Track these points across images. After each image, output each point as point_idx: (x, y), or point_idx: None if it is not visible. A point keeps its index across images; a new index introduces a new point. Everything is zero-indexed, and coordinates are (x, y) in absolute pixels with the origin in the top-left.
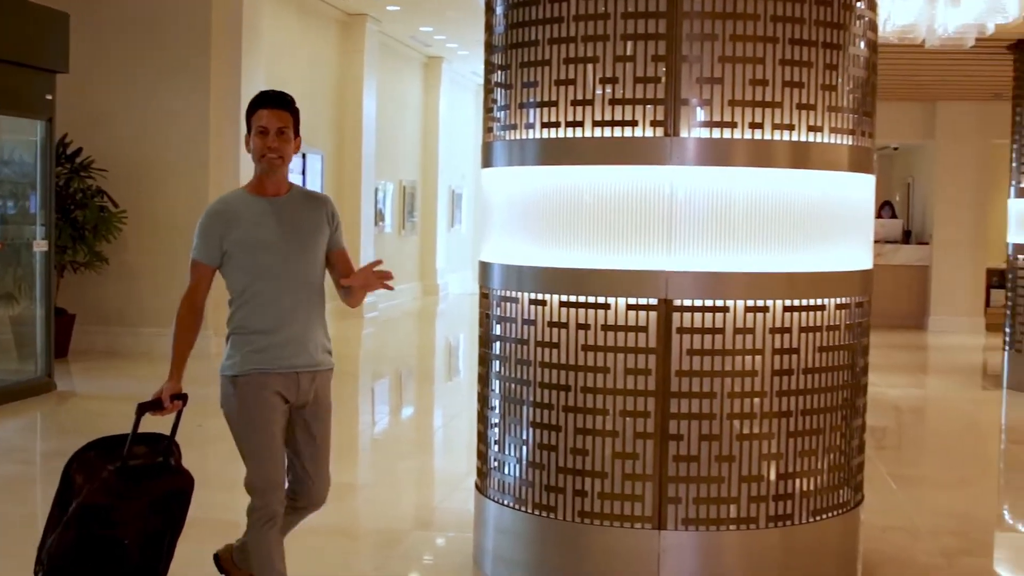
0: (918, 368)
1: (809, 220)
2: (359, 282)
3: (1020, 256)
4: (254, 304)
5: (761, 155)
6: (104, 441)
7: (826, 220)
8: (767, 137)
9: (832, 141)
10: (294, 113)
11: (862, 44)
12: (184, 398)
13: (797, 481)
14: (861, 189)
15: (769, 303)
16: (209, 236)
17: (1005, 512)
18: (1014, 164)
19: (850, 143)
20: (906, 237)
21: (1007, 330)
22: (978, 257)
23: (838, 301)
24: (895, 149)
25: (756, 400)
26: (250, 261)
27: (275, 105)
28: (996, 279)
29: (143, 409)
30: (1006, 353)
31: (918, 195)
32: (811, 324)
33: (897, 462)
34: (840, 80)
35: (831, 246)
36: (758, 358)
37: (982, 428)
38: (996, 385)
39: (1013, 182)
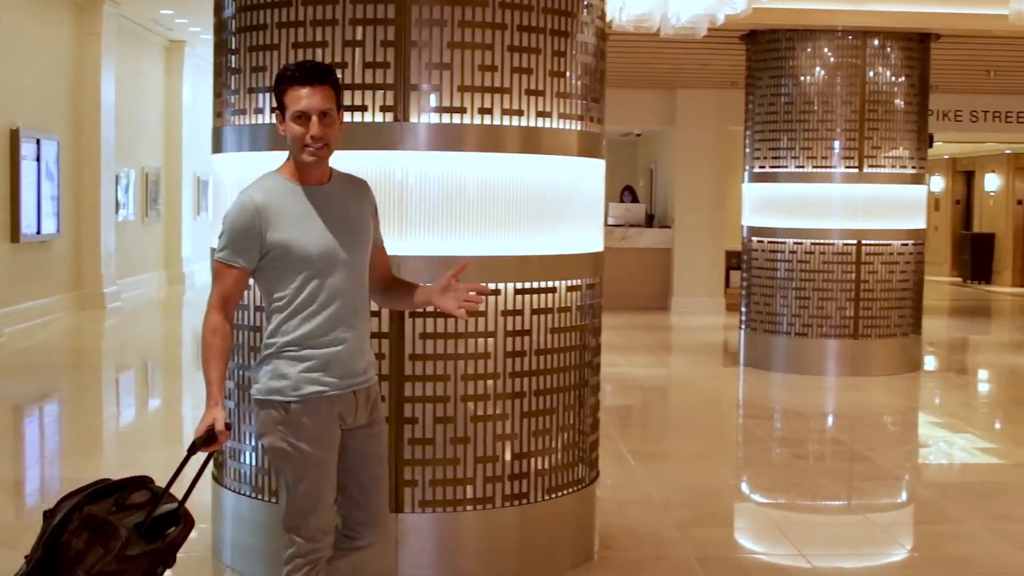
0: (662, 348)
1: (540, 204)
2: (444, 300)
3: (754, 239)
4: (307, 312)
5: (491, 140)
6: (84, 495)
7: (556, 204)
8: (497, 122)
9: (561, 126)
10: (337, 87)
11: (590, 32)
12: (228, 427)
13: (532, 460)
14: (591, 173)
15: (501, 286)
16: (248, 234)
17: (742, 484)
18: (748, 150)
19: (579, 128)
20: (649, 221)
21: (743, 310)
22: (717, 240)
23: (569, 283)
24: (638, 136)
25: (489, 382)
26: (300, 262)
27: (314, 80)
28: (735, 261)
29: (198, 447)
30: (742, 332)
31: (660, 180)
32: (542, 306)
33: (639, 439)
34: (568, 67)
35: (562, 229)
36: (491, 340)
37: (721, 404)
38: (735, 362)
39: (747, 167)
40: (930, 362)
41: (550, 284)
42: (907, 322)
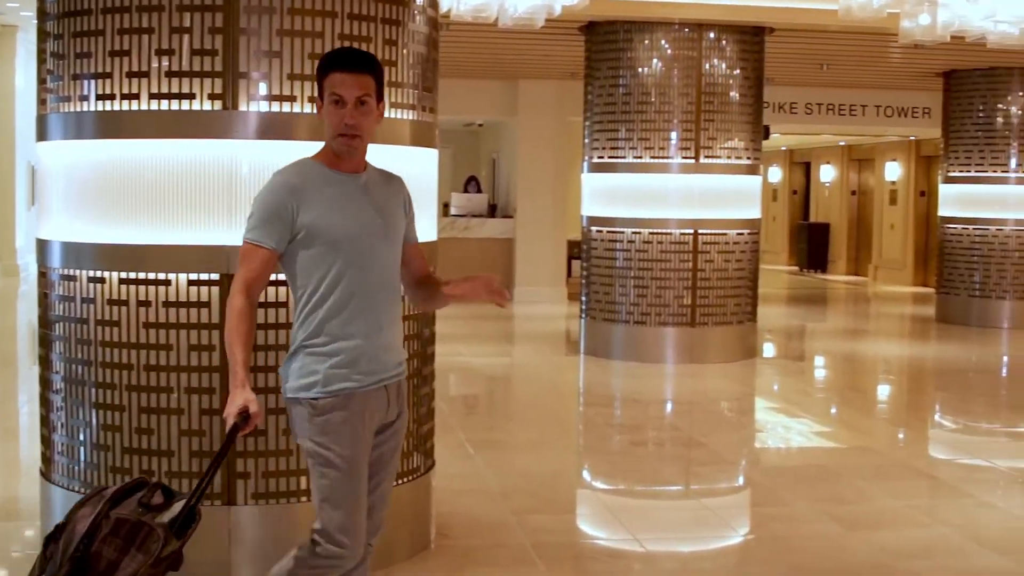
0: (504, 337)
1: None
2: (467, 292)
3: (594, 228)
4: (337, 304)
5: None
6: (104, 501)
7: None
8: None
9: (394, 116)
10: (378, 76)
11: (422, 21)
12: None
13: None
14: (424, 163)
15: None
16: (279, 214)
17: (581, 471)
18: (587, 140)
19: (412, 118)
20: (492, 211)
21: (583, 299)
22: (559, 229)
23: None
24: (480, 126)
25: None
26: (331, 249)
27: (354, 67)
28: (576, 250)
29: (240, 429)
30: (582, 321)
31: (503, 170)
32: None
33: (479, 428)
34: (400, 55)
35: None
36: None
37: (562, 393)
38: (576, 351)
39: (586, 157)
40: (767, 349)
41: None
42: (743, 310)
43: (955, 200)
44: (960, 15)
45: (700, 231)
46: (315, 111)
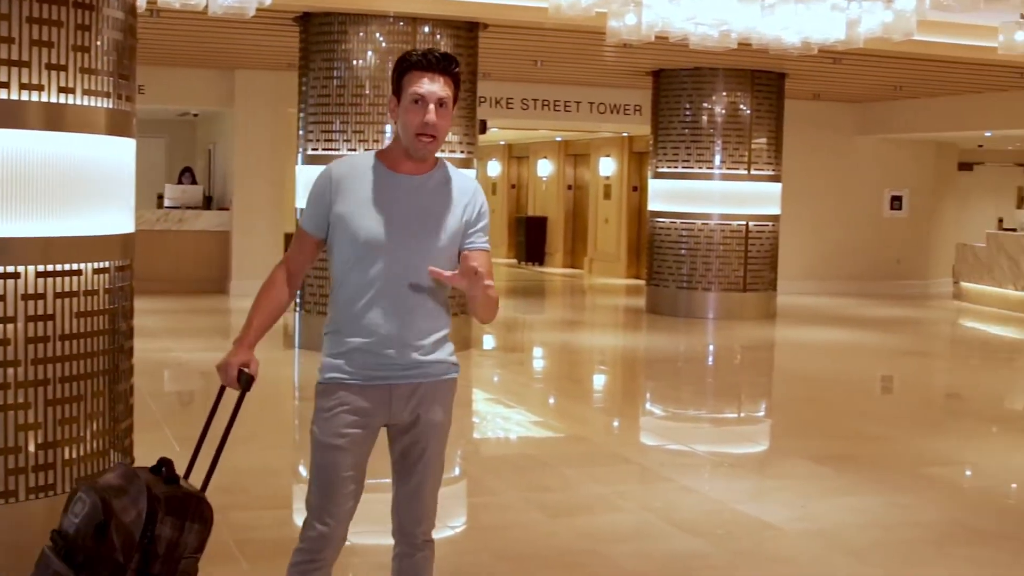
0: (219, 332)
1: (64, 184)
2: (460, 282)
3: None
4: (350, 298)
5: (10, 116)
6: (138, 484)
7: (83, 184)
8: (15, 97)
9: (87, 103)
10: (457, 81)
11: (117, 6)
12: (249, 380)
13: (59, 450)
14: (120, 152)
15: (21, 269)
16: (320, 201)
17: (293, 466)
18: (302, 132)
19: (107, 106)
20: (207, 203)
21: (297, 292)
22: (276, 222)
23: (96, 266)
24: (195, 116)
25: (11, 370)
26: (354, 244)
27: (438, 70)
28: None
29: (248, 387)
30: (297, 314)
31: (219, 162)
32: (67, 289)
33: (188, 424)
34: (93, 42)
35: (89, 210)
36: (10, 326)
37: (277, 387)
38: (292, 345)
39: (301, 149)
40: (487, 341)
41: (75, 267)
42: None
43: (663, 195)
44: (664, 16)
45: None
46: (390, 112)
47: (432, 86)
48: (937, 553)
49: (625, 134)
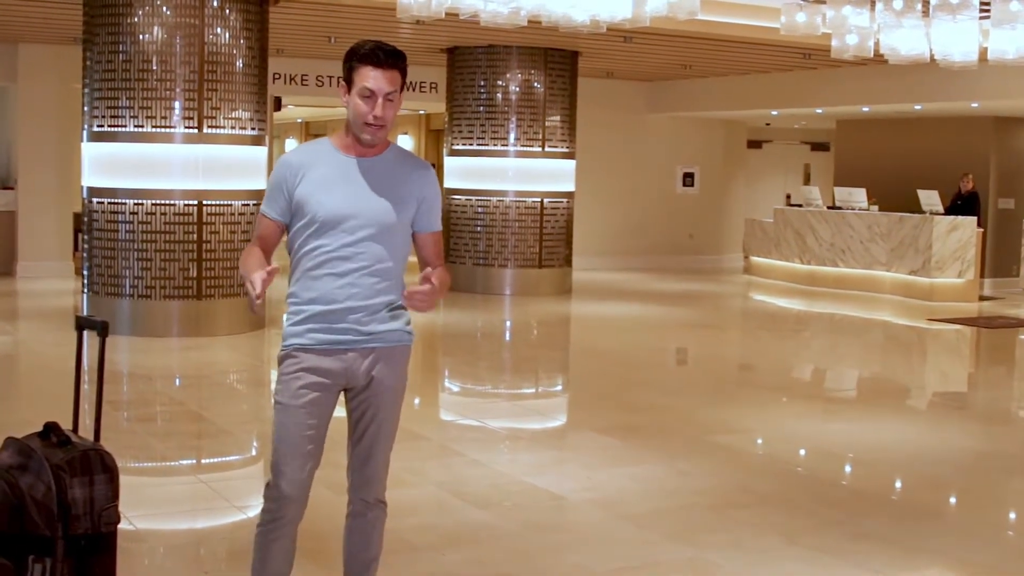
0: (7, 315)
1: None
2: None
3: (95, 200)
4: (305, 268)
5: None
6: (32, 457)
7: None
8: None
9: None
10: (404, 73)
11: None
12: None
13: None
14: None
15: None
16: (280, 187)
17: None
18: (87, 108)
19: None
20: None
21: (85, 273)
22: (64, 201)
23: None
24: None
25: None
26: (311, 216)
27: (387, 65)
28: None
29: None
30: (85, 295)
31: (2, 139)
32: None
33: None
34: None
35: None
36: None
37: (63, 370)
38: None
39: (86, 126)
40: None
41: None
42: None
43: (459, 172)
44: None
45: (205, 202)
46: (341, 97)
47: (381, 82)
48: (717, 517)
49: (422, 112)
